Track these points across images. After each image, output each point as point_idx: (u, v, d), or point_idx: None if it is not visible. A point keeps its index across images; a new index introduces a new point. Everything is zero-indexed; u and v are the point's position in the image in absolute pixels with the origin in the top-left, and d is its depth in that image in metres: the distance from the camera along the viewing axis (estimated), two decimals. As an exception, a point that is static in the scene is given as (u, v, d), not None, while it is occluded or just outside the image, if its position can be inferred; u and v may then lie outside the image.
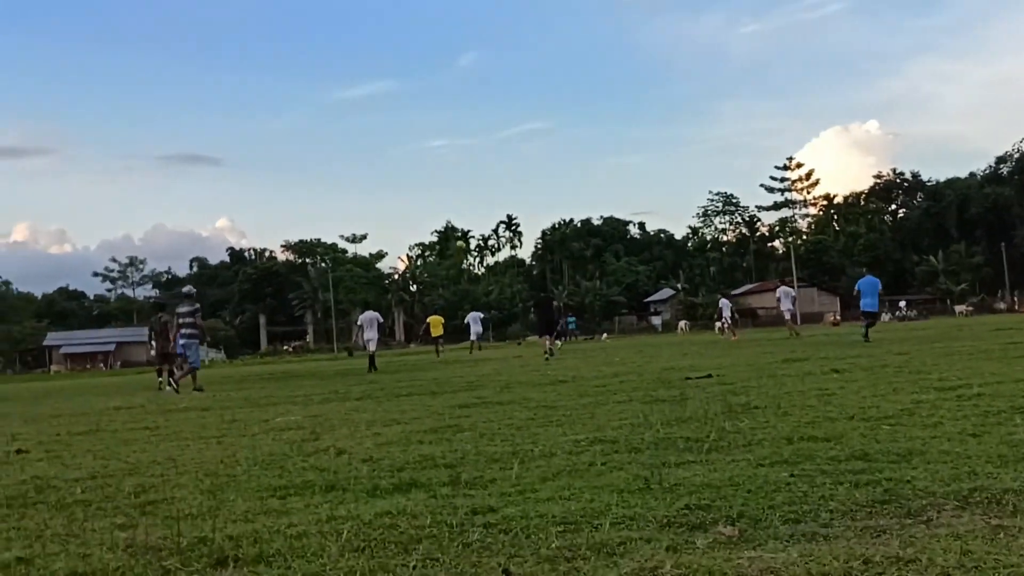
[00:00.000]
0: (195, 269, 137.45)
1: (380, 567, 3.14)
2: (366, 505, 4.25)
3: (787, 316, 32.57)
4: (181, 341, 18.15)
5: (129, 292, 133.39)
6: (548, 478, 4.73)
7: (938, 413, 6.27)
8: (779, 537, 3.21)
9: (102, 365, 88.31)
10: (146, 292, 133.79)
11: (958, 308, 79.24)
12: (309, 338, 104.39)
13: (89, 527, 4.23)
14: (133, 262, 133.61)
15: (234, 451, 6.92)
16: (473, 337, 24.51)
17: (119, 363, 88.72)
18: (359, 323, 26.02)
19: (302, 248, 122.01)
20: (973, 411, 6.27)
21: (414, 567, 3.11)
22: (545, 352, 24.61)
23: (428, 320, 37.55)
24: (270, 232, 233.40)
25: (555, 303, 37.76)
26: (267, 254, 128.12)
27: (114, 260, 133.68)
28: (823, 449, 5.05)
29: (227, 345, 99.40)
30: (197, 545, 3.62)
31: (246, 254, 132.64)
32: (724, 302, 38.71)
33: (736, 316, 36.64)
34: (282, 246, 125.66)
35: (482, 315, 38.44)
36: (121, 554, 3.58)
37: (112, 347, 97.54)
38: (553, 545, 3.27)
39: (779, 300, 33.76)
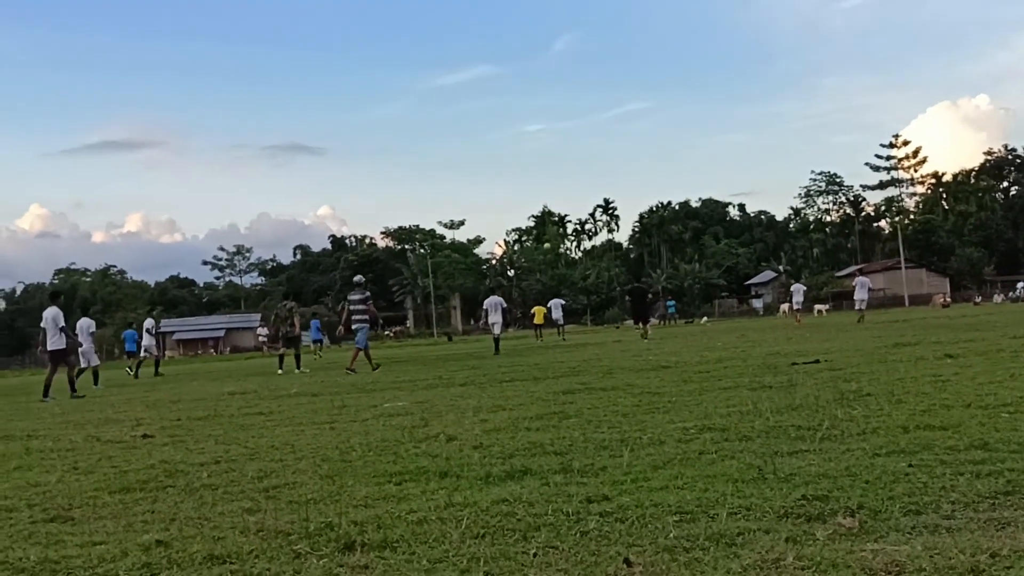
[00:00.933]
0: (298, 256, 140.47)
1: (501, 554, 3.22)
2: (481, 492, 4.35)
3: (860, 306, 34.29)
4: (354, 326, 19.50)
5: (236, 280, 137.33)
6: (659, 466, 4.75)
7: (1062, 401, 6.07)
8: (901, 529, 3.18)
9: (212, 351, 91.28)
10: (252, 280, 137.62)
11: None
12: (409, 323, 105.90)
13: (219, 511, 4.43)
14: (240, 250, 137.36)
15: (347, 436, 7.12)
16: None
17: (228, 348, 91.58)
18: (484, 308, 27.68)
19: (401, 235, 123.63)
20: (1099, 399, 6.05)
21: (534, 555, 3.18)
22: (642, 335, 27.78)
23: (533, 310, 40.73)
24: (370, 219, 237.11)
25: (648, 293, 41.67)
26: (367, 241, 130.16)
27: (222, 249, 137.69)
28: (941, 438, 4.95)
29: (330, 331, 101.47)
30: (324, 530, 3.76)
31: (347, 241, 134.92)
32: (797, 286, 39.33)
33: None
34: (382, 233, 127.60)
35: (563, 302, 41.24)
36: (253, 538, 3.74)
37: (221, 333, 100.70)
38: (671, 535, 3.30)
39: (855, 288, 35.95)
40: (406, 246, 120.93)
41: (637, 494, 4.04)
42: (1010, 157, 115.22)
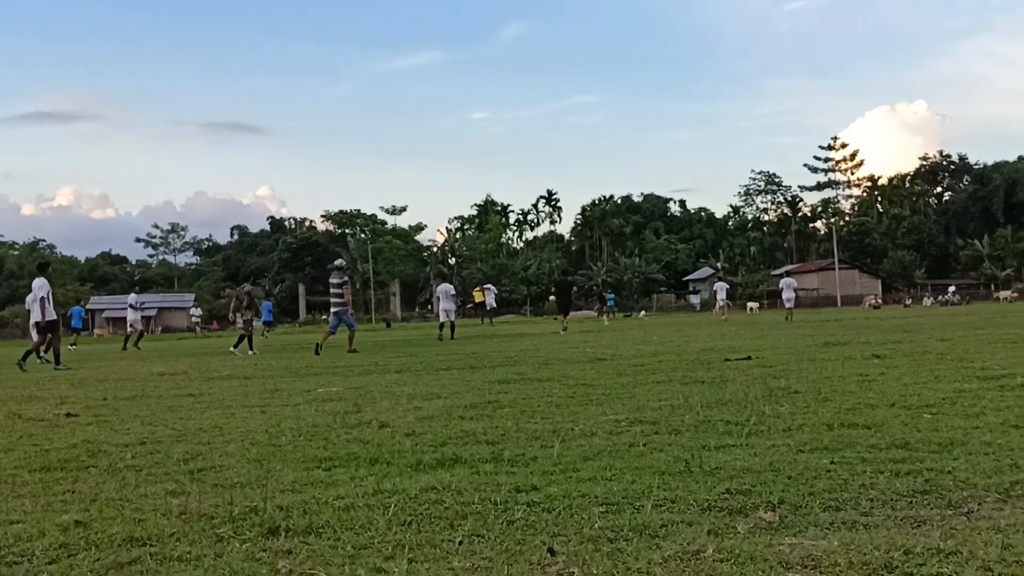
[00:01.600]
0: (235, 237, 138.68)
1: (427, 541, 3.22)
2: (410, 479, 4.34)
3: (788, 304, 36.21)
4: (333, 309, 20.19)
5: (170, 258, 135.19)
6: (589, 457, 4.78)
7: (980, 403, 6.23)
8: (820, 524, 3.25)
9: (144, 330, 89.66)
10: (187, 259, 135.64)
11: (1001, 294, 78.04)
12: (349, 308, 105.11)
13: (141, 492, 4.36)
14: (175, 228, 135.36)
15: (278, 421, 7.06)
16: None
17: (160, 328, 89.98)
18: (436, 295, 28.98)
19: (342, 218, 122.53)
20: (1016, 402, 6.23)
21: (460, 543, 3.19)
22: (562, 328, 28.77)
23: (474, 292, 41.02)
24: (311, 202, 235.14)
25: (574, 286, 43.61)
26: (307, 223, 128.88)
27: (156, 226, 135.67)
28: (864, 437, 5.06)
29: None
30: (248, 514, 3.72)
31: (286, 223, 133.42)
32: (720, 284, 41.20)
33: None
34: (322, 216, 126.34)
35: (495, 290, 41.51)
36: (175, 520, 3.69)
37: (154, 312, 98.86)
38: (596, 525, 3.33)
39: (782, 289, 37.76)
40: (346, 230, 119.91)
41: (565, 484, 4.06)
42: (945, 163, 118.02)
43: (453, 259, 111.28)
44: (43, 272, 18.54)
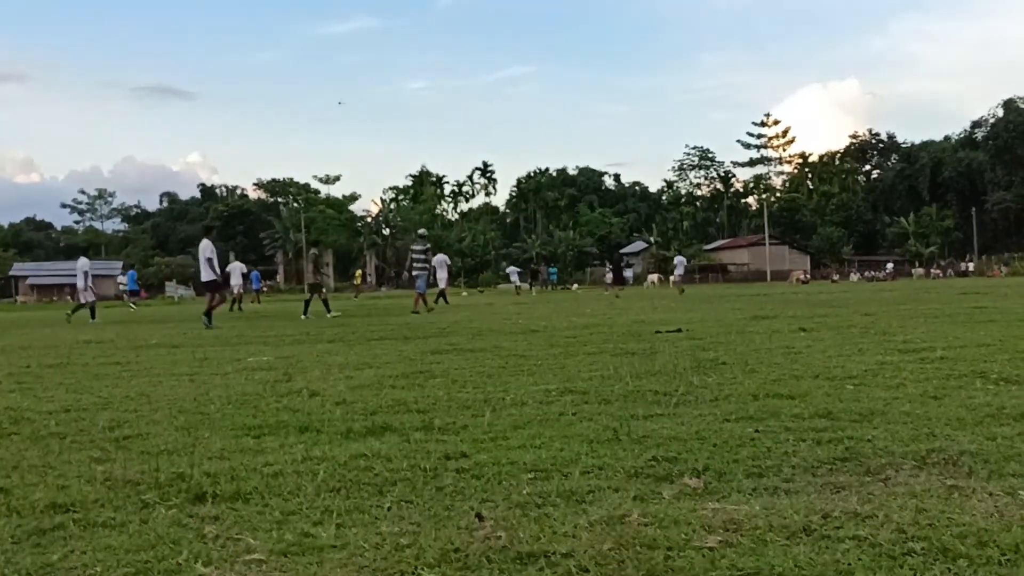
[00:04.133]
0: (165, 204, 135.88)
1: (356, 507, 3.21)
2: (340, 447, 4.32)
3: (676, 279, 40.00)
4: (414, 273, 23.08)
5: (97, 225, 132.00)
6: (519, 426, 4.81)
7: (901, 375, 6.40)
8: (742, 490, 3.32)
9: (69, 297, 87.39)
10: (115, 225, 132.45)
11: (915, 272, 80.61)
12: (279, 278, 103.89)
13: (65, 459, 4.28)
14: (102, 194, 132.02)
15: (207, 389, 6.97)
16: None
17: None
18: (432, 264, 29.60)
19: (274, 187, 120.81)
20: (935, 374, 6.41)
21: (389, 508, 3.19)
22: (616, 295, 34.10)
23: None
24: (242, 169, 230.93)
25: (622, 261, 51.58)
26: (239, 192, 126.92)
27: (83, 192, 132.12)
28: (788, 406, 5.16)
29: (196, 282, 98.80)
30: (175, 480, 3.68)
31: (217, 191, 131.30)
32: (680, 259, 42.53)
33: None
34: (254, 184, 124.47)
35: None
36: (99, 487, 3.63)
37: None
38: (524, 492, 3.36)
39: (675, 266, 40.69)
40: (279, 199, 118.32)
41: (495, 452, 4.09)
42: (874, 141, 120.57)
43: (387, 229, 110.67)
44: (207, 235, 19.99)
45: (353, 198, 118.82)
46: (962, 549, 2.53)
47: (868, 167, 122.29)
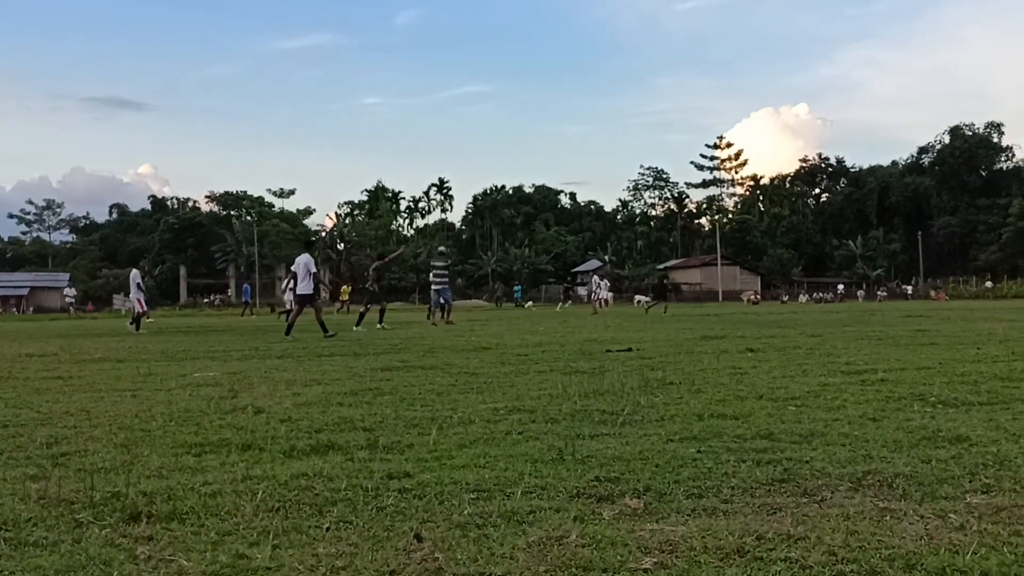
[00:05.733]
0: (114, 215, 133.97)
1: (294, 528, 3.19)
2: (282, 466, 4.29)
3: (596, 299, 42.72)
4: (435, 287, 24.71)
5: (45, 236, 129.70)
6: (465, 445, 4.81)
7: (842, 396, 6.50)
8: (682, 511, 3.35)
9: (15, 309, 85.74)
10: (62, 237, 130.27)
11: (859, 294, 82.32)
12: (231, 292, 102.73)
13: (0, 477, 4.19)
14: (50, 205, 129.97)
15: (149, 405, 6.86)
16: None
17: (32, 308, 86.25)
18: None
19: (227, 200, 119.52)
20: (875, 396, 6.52)
21: (328, 529, 3.17)
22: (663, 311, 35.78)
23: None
24: (195, 182, 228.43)
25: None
26: (190, 204, 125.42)
27: (30, 202, 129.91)
28: (731, 427, 5.22)
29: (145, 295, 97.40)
30: (110, 499, 3.62)
31: (168, 203, 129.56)
32: (595, 279, 45.20)
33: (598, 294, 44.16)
34: (206, 197, 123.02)
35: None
36: (33, 505, 3.57)
37: (25, 291, 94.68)
38: (465, 512, 3.35)
39: (597, 287, 43.19)
40: (232, 212, 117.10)
41: (439, 472, 4.08)
42: (823, 165, 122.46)
43: (342, 244, 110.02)
44: (308, 249, 20.80)
45: (307, 212, 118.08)
46: (890, 572, 2.58)
47: (817, 190, 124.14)
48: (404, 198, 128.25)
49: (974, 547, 2.77)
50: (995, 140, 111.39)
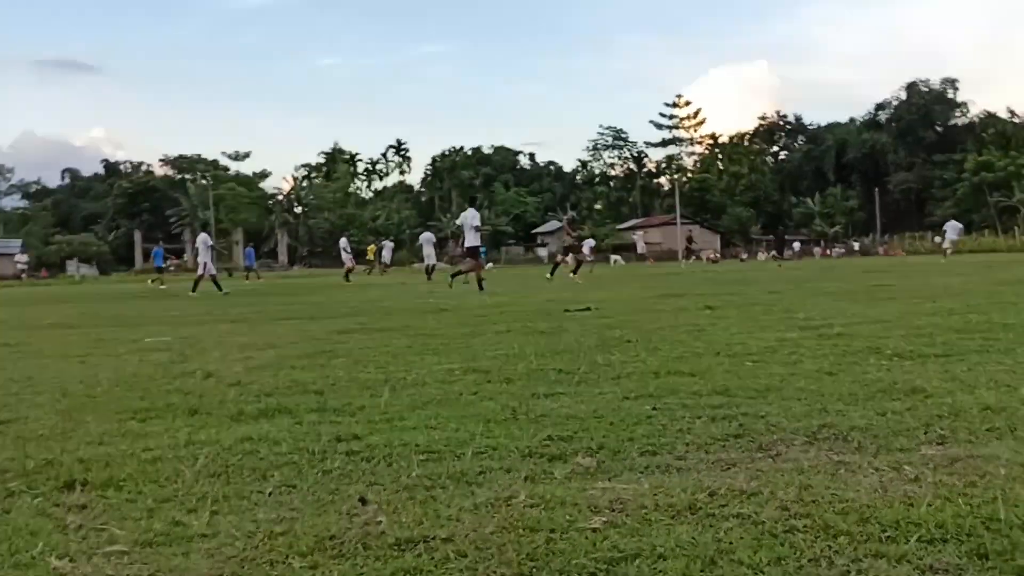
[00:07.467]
0: (67, 180, 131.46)
1: (235, 493, 3.08)
2: (228, 430, 4.17)
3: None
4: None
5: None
6: (417, 407, 4.72)
7: (799, 351, 6.48)
8: (635, 468, 3.29)
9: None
10: (13, 203, 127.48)
11: (815, 250, 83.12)
12: (187, 256, 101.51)
13: (-67, 447, 4.04)
14: (0, 171, 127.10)
15: (97, 371, 6.70)
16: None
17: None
18: (419, 242, 35.30)
19: (182, 163, 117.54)
20: (832, 350, 6.50)
21: (270, 494, 3.07)
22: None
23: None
24: (149, 145, 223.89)
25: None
26: (144, 168, 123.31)
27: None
28: (687, 384, 5.17)
29: (100, 261, 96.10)
30: (44, 467, 3.49)
31: (122, 167, 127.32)
32: (427, 236, 39.59)
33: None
34: (160, 160, 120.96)
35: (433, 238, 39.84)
36: (-37, 476, 3.43)
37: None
38: (414, 474, 3.27)
39: (421, 244, 38.70)
40: (186, 176, 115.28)
41: (388, 434, 3.98)
42: (782, 123, 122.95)
43: (299, 207, 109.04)
44: (472, 204, 22.21)
45: (264, 175, 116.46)
46: (843, 526, 2.53)
47: (776, 148, 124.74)
48: (361, 160, 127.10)
49: (928, 499, 2.73)
50: (950, 96, 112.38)
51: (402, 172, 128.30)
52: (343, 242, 37.61)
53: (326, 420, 4.38)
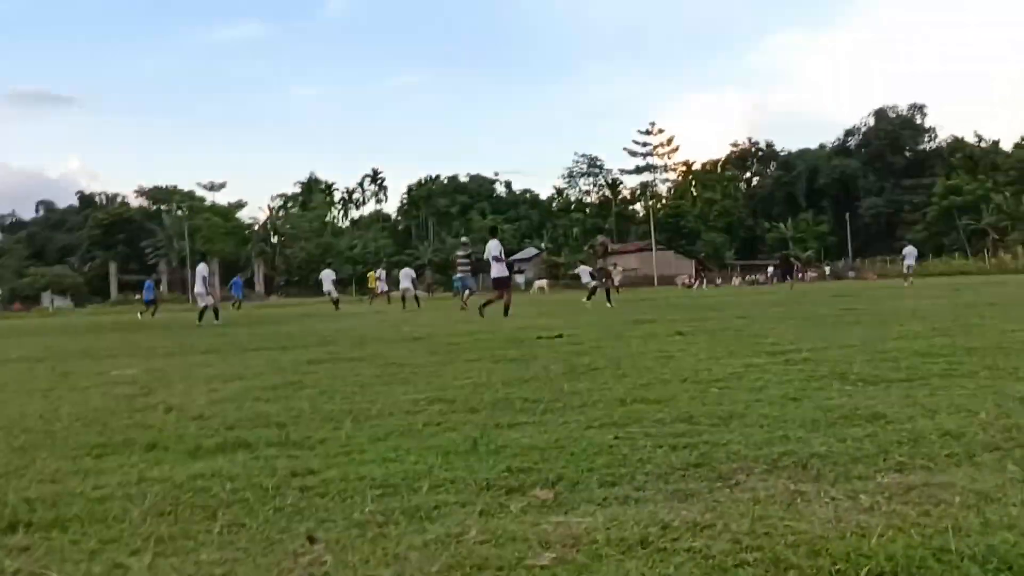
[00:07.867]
0: (41, 212, 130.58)
1: (182, 533, 3.02)
2: (182, 466, 4.09)
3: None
4: (460, 274, 27.67)
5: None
6: (379, 439, 4.66)
7: (765, 377, 6.46)
8: (592, 501, 3.24)
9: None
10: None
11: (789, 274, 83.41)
12: (163, 288, 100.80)
13: None
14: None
15: (59, 405, 6.60)
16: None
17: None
18: (398, 276, 34.50)
19: (157, 194, 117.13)
20: (797, 375, 6.49)
21: (218, 532, 3.01)
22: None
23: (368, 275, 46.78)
24: (124, 176, 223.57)
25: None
26: (119, 199, 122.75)
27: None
28: (652, 411, 5.14)
29: (75, 293, 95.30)
30: (-10, 508, 3.42)
31: (97, 198, 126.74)
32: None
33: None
34: (136, 191, 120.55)
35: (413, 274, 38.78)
36: (-96, 519, 3.34)
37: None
38: (367, 509, 3.21)
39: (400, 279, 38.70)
40: (162, 206, 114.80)
41: (346, 467, 3.92)
42: (753, 150, 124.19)
43: (276, 237, 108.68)
44: (494, 235, 22.70)
45: (240, 205, 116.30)
46: (794, 560, 2.49)
47: (748, 174, 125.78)
48: (338, 190, 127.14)
49: (880, 529, 2.71)
50: (918, 121, 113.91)
51: (378, 201, 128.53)
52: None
53: (284, 454, 4.31)
